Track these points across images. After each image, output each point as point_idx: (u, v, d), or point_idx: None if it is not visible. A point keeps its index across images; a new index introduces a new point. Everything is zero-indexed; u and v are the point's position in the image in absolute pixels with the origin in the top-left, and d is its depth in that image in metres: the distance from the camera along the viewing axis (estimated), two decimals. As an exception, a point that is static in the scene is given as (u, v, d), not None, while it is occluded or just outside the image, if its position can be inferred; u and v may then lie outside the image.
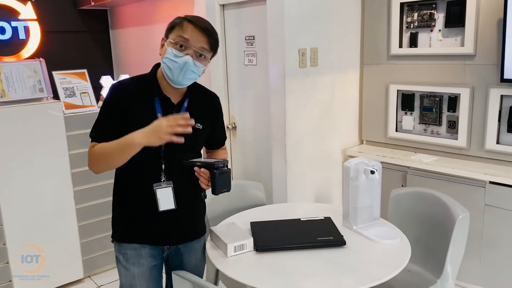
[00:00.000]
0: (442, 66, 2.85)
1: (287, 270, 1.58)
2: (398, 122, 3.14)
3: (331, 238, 1.72)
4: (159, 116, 1.59)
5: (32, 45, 3.90)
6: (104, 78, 3.22)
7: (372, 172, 1.81)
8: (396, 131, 3.15)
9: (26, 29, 3.87)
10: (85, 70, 3.03)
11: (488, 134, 2.69)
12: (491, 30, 2.60)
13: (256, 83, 3.06)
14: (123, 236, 1.72)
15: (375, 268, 1.58)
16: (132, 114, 1.57)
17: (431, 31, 2.89)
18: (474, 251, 2.65)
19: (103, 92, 3.20)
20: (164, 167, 1.62)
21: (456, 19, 2.75)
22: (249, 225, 1.85)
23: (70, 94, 2.92)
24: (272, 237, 1.76)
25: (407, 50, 3.01)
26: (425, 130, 3.02)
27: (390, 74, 3.11)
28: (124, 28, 4.33)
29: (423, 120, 3.01)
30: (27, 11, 3.83)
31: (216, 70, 3.16)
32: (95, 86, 3.09)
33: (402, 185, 2.92)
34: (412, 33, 2.97)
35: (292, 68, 2.76)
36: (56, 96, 2.90)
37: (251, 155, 3.24)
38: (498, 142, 2.68)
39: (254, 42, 3.01)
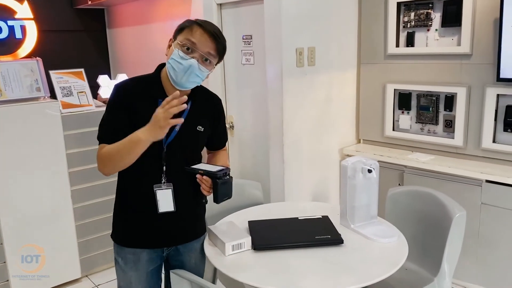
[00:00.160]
0: (439, 65, 2.86)
1: (285, 268, 1.58)
2: (395, 121, 3.15)
3: (329, 237, 1.73)
4: None
5: (29, 44, 3.88)
6: (101, 77, 3.22)
7: (369, 171, 1.82)
8: (393, 130, 3.16)
9: (23, 28, 3.86)
10: (82, 70, 3.03)
11: (484, 133, 2.70)
12: (487, 29, 2.62)
13: (253, 83, 3.06)
14: (122, 239, 1.72)
15: (373, 267, 1.59)
16: (136, 114, 1.57)
17: (428, 30, 2.90)
18: (471, 249, 2.66)
19: (100, 92, 3.20)
20: (165, 168, 1.62)
21: (452, 19, 2.76)
22: (247, 224, 1.86)
23: (67, 94, 2.91)
24: (270, 235, 1.77)
25: (404, 50, 3.01)
26: (422, 129, 3.03)
27: (387, 73, 3.12)
28: (121, 27, 4.32)
29: (420, 119, 3.02)
30: (23, 10, 3.81)
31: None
32: (92, 86, 3.08)
33: (399, 184, 2.93)
34: (409, 32, 2.98)
35: (289, 68, 2.76)
36: (53, 95, 2.89)
37: (248, 155, 3.24)
38: (494, 141, 2.69)
39: (251, 41, 3.02)
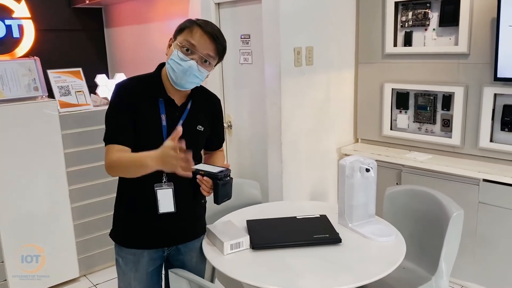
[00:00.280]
0: (436, 65, 2.87)
1: (283, 267, 1.58)
2: (393, 121, 3.16)
3: (327, 236, 1.73)
4: (163, 117, 1.59)
5: (26, 43, 3.88)
6: (99, 76, 3.21)
7: (367, 170, 1.82)
8: (391, 129, 3.17)
9: (20, 27, 3.85)
10: (80, 69, 3.02)
11: (481, 132, 2.71)
12: (484, 29, 2.62)
13: (251, 82, 3.07)
14: (123, 240, 1.72)
15: (371, 265, 1.60)
16: (137, 113, 1.57)
17: (426, 30, 2.91)
18: (468, 248, 2.67)
19: (98, 91, 3.19)
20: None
21: (450, 18, 2.77)
22: (245, 223, 1.86)
23: (65, 93, 2.91)
24: (268, 235, 1.77)
25: (401, 49, 3.02)
26: (419, 129, 3.04)
27: (385, 73, 3.12)
28: (119, 26, 4.32)
29: (417, 119, 3.03)
30: (21, 9, 3.81)
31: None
32: (90, 85, 3.08)
33: (397, 183, 2.94)
34: (406, 32, 2.99)
35: (287, 67, 2.76)
36: (51, 94, 2.89)
37: (246, 154, 3.24)
38: (491, 140, 2.70)
39: (249, 40, 3.02)
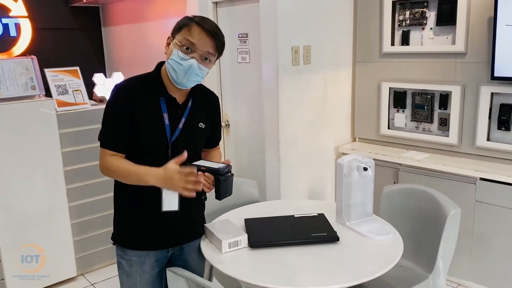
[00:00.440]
0: (434, 64, 2.88)
1: (281, 266, 1.59)
2: (390, 120, 3.17)
3: (325, 234, 1.74)
4: (165, 115, 1.59)
5: (23, 42, 3.87)
6: (96, 75, 3.21)
7: (365, 169, 1.83)
8: (388, 128, 3.17)
9: (17, 26, 3.84)
10: (77, 68, 3.02)
11: (478, 131, 2.72)
12: (481, 28, 2.63)
13: (249, 81, 3.07)
14: (127, 242, 1.69)
15: (368, 264, 1.60)
16: (138, 114, 1.56)
17: (423, 29, 2.92)
18: (465, 246, 2.68)
19: (95, 90, 3.19)
20: None
21: (447, 18, 2.77)
22: (243, 221, 1.86)
23: (63, 92, 2.90)
24: (266, 233, 1.77)
25: (399, 48, 3.03)
26: (416, 128, 3.05)
27: (382, 72, 3.13)
28: (116, 25, 4.31)
29: (415, 118, 3.04)
30: (18, 8, 3.80)
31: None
32: (88, 84, 3.07)
33: (394, 181, 2.95)
34: (404, 31, 3.00)
35: (285, 66, 2.77)
36: (48, 93, 2.88)
37: (244, 153, 3.25)
38: (488, 139, 2.71)
39: (247, 39, 3.02)
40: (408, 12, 2.96)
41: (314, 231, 1.76)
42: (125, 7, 4.12)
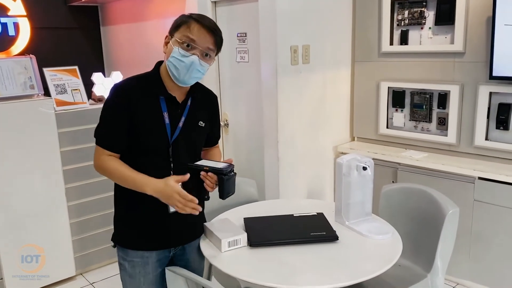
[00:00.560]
0: (432, 63, 2.88)
1: (281, 264, 1.59)
2: (389, 119, 3.17)
3: (324, 233, 1.74)
4: (165, 115, 1.60)
5: (22, 41, 3.86)
6: (95, 75, 3.20)
7: (364, 169, 1.83)
8: (387, 128, 3.18)
9: (16, 25, 3.83)
10: (76, 67, 3.02)
11: (477, 130, 2.72)
12: (480, 28, 2.64)
13: (248, 80, 3.07)
14: (130, 242, 1.68)
15: (367, 263, 1.60)
16: (137, 114, 1.56)
17: (422, 28, 2.92)
18: (464, 246, 2.68)
19: (94, 89, 3.19)
20: (172, 165, 1.62)
21: (446, 17, 2.78)
22: (242, 221, 1.86)
23: (61, 91, 2.90)
24: (266, 232, 1.77)
25: (397, 48, 3.03)
26: (415, 127, 3.05)
27: (381, 71, 3.13)
28: (115, 24, 4.31)
29: (413, 117, 3.05)
30: (16, 7, 3.79)
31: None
32: (86, 83, 3.07)
33: (393, 181, 2.95)
34: (402, 30, 3.00)
35: (284, 65, 2.77)
36: (47, 93, 2.88)
37: (243, 152, 3.25)
38: (487, 139, 2.71)
39: (246, 39, 3.02)
40: (406, 12, 2.97)
41: (313, 230, 1.76)
42: (124, 7, 4.12)
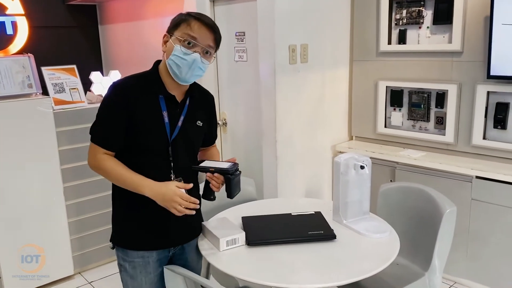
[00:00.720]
0: (430, 62, 2.89)
1: (279, 263, 1.59)
2: (387, 118, 3.18)
3: (322, 232, 1.74)
4: (165, 114, 1.59)
5: (20, 40, 3.85)
6: (93, 74, 3.20)
7: (362, 167, 1.83)
8: (385, 127, 3.18)
9: (14, 24, 3.82)
10: (74, 66, 3.02)
11: (475, 129, 2.73)
12: (478, 27, 2.64)
13: (246, 79, 3.07)
14: (130, 243, 1.67)
15: (365, 261, 1.61)
16: (137, 113, 1.56)
17: (420, 28, 2.93)
18: (461, 244, 2.69)
19: (92, 88, 3.19)
20: (172, 164, 1.62)
21: (444, 16, 2.78)
22: (240, 220, 1.87)
23: (60, 90, 2.90)
24: (264, 231, 1.78)
25: (396, 47, 3.04)
26: (413, 126, 3.06)
27: (379, 70, 3.14)
28: (113, 23, 4.30)
29: (411, 116, 3.05)
30: (14, 6, 3.78)
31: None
32: (85, 82, 3.07)
33: (391, 180, 2.96)
34: (400, 30, 3.00)
35: (282, 64, 2.77)
36: (45, 92, 2.88)
37: (241, 151, 3.25)
38: (484, 138, 2.72)
39: (244, 38, 3.02)
40: (405, 11, 2.97)
41: (311, 229, 1.77)
42: (122, 5, 4.12)
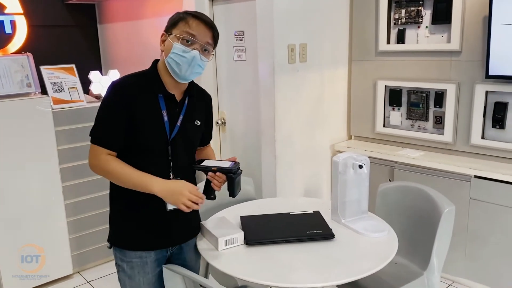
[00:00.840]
0: (429, 62, 2.89)
1: (277, 263, 1.60)
2: (386, 118, 3.18)
3: (320, 232, 1.75)
4: (164, 113, 1.59)
5: (19, 39, 3.85)
6: (92, 73, 3.20)
7: (360, 167, 1.84)
8: (384, 126, 3.19)
9: (12, 23, 3.82)
10: (73, 65, 3.01)
11: (473, 129, 2.73)
12: (476, 27, 2.65)
13: (245, 79, 3.07)
14: (128, 243, 1.67)
15: (363, 261, 1.61)
16: (136, 113, 1.55)
17: (418, 27, 2.93)
18: (460, 244, 2.70)
19: (91, 87, 3.18)
20: (171, 164, 1.63)
21: (442, 16, 2.79)
22: (239, 219, 1.87)
23: (58, 89, 2.89)
24: (262, 230, 1.78)
25: (394, 47, 3.04)
26: (412, 126, 3.06)
27: (378, 70, 3.14)
28: (112, 22, 4.30)
29: (410, 116, 3.05)
30: (13, 5, 3.77)
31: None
32: (84, 81, 3.07)
33: (390, 179, 2.96)
34: (399, 29, 3.01)
35: (281, 64, 2.77)
36: (44, 91, 2.87)
37: (240, 150, 3.25)
38: (483, 137, 2.73)
39: (243, 37, 3.02)
40: (403, 11, 2.97)
41: (309, 228, 1.77)
42: (121, 5, 4.11)
